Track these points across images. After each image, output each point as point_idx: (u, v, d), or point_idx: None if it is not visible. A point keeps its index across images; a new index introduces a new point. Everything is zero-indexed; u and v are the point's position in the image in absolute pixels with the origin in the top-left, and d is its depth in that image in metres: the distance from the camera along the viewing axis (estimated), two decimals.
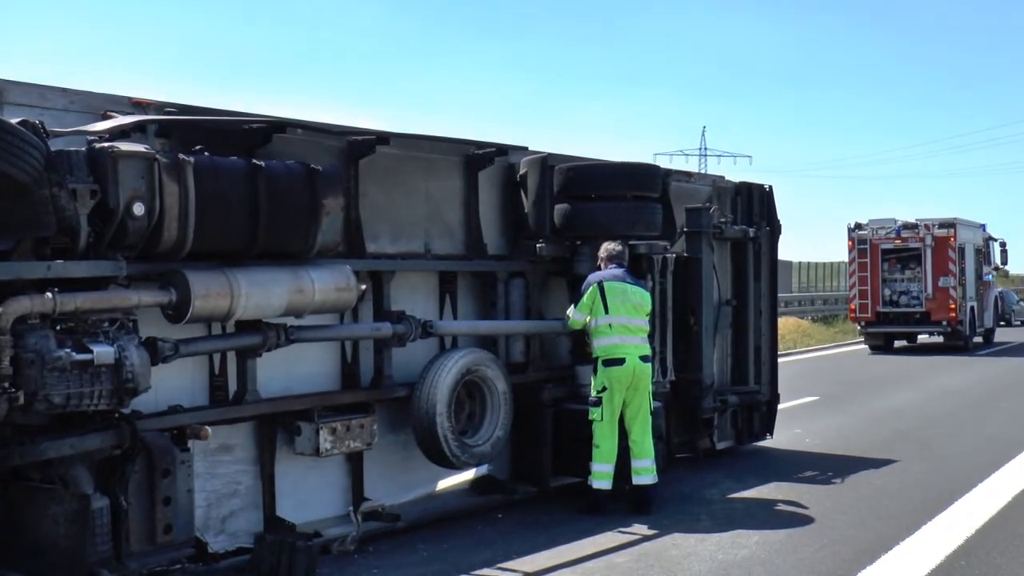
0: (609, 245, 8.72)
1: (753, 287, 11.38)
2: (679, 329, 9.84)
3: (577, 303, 8.63)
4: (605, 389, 8.44)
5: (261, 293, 6.44)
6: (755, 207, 11.65)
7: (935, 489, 9.39)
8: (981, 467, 10.37)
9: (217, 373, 6.87)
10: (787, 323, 31.50)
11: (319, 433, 7.10)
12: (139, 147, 5.94)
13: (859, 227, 26.98)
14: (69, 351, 5.49)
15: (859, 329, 27.89)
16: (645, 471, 8.53)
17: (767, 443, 11.73)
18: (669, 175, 10.38)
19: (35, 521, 5.75)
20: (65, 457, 5.65)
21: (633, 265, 9.02)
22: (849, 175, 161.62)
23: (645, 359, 8.55)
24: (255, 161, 6.49)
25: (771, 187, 11.87)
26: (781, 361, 12.79)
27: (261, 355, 6.84)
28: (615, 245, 8.72)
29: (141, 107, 6.58)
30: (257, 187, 6.41)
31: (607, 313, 8.46)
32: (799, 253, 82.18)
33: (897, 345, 27.82)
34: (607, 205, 8.92)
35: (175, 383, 6.55)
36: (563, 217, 8.92)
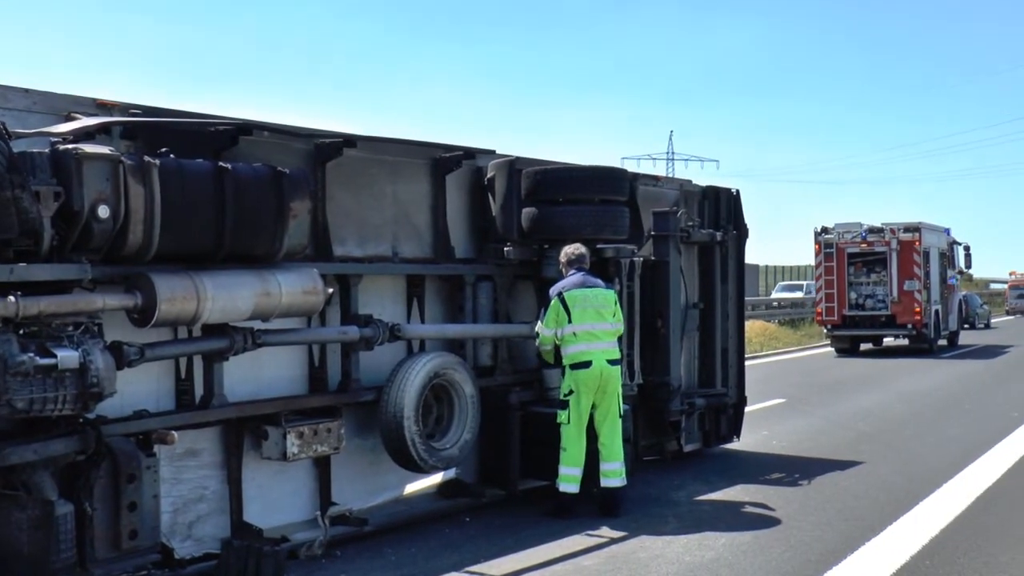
0: (569, 249, 8.73)
1: (720, 290, 11.44)
2: (647, 332, 9.89)
3: (543, 318, 8.64)
4: (572, 392, 8.45)
5: (227, 296, 6.41)
6: (722, 211, 11.71)
7: (900, 490, 9.46)
8: (946, 468, 10.46)
9: (183, 377, 6.84)
10: (754, 326, 31.69)
11: (286, 437, 7.07)
12: (104, 149, 5.88)
13: (825, 231, 27.16)
14: (32, 355, 5.42)
15: (825, 332, 28.07)
16: (614, 474, 8.54)
17: (734, 445, 11.79)
18: (636, 179, 10.43)
19: None
20: (28, 463, 5.58)
21: (601, 269, 9.05)
22: (816, 180, 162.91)
23: (613, 362, 8.57)
24: (221, 164, 6.46)
25: (738, 191, 11.94)
26: (748, 364, 12.86)
27: (228, 359, 6.80)
28: (575, 248, 8.73)
29: (106, 109, 6.53)
30: (223, 190, 6.37)
31: (571, 322, 8.47)
32: (765, 257, 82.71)
33: (863, 348, 28.01)
34: (574, 209, 8.93)
35: (141, 387, 6.51)
36: (530, 221, 8.93)
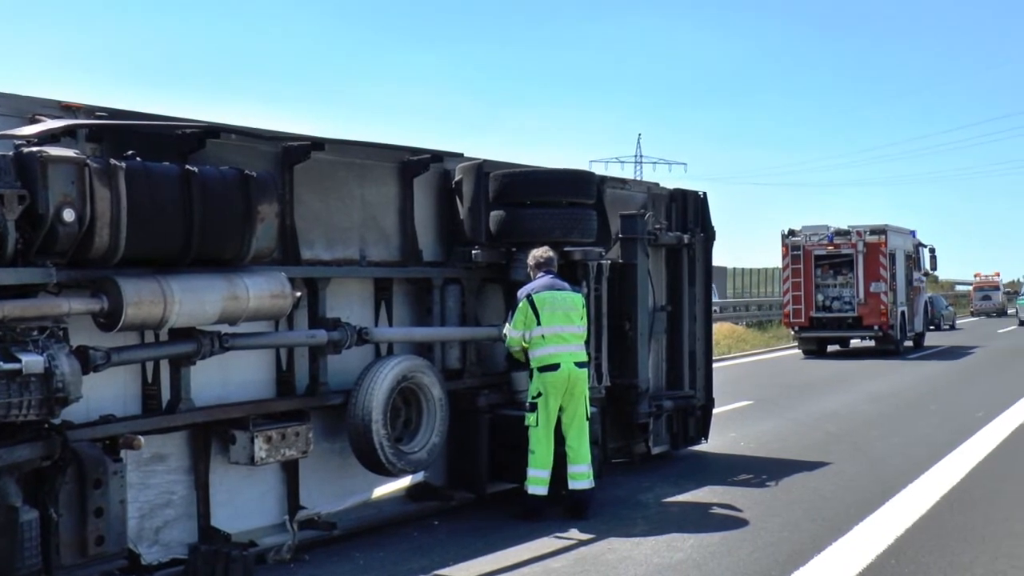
0: (537, 252, 8.75)
1: (688, 293, 11.49)
2: (614, 335, 9.91)
3: (511, 319, 8.65)
4: (540, 395, 8.47)
5: (195, 300, 6.38)
6: (690, 214, 11.76)
7: (867, 490, 9.54)
8: (911, 468, 10.55)
9: (150, 382, 6.79)
10: (722, 329, 31.83)
11: (254, 441, 7.05)
12: (69, 152, 5.84)
13: (792, 234, 27.34)
14: None
15: (793, 334, 28.24)
16: (581, 476, 8.56)
17: (702, 447, 11.84)
18: (604, 182, 10.46)
19: None
20: None
21: (568, 271, 9.07)
22: (783, 182, 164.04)
23: (580, 365, 8.59)
24: (188, 167, 6.42)
25: (705, 194, 12.00)
26: (716, 366, 12.92)
27: (195, 363, 6.77)
28: (542, 251, 8.75)
29: (71, 111, 6.48)
30: (191, 193, 6.34)
31: (540, 325, 8.49)
32: (734, 259, 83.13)
33: (830, 350, 28.23)
34: (542, 212, 8.96)
35: (107, 392, 6.47)
36: (498, 224, 8.94)
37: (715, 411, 12.22)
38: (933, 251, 32.00)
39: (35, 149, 5.71)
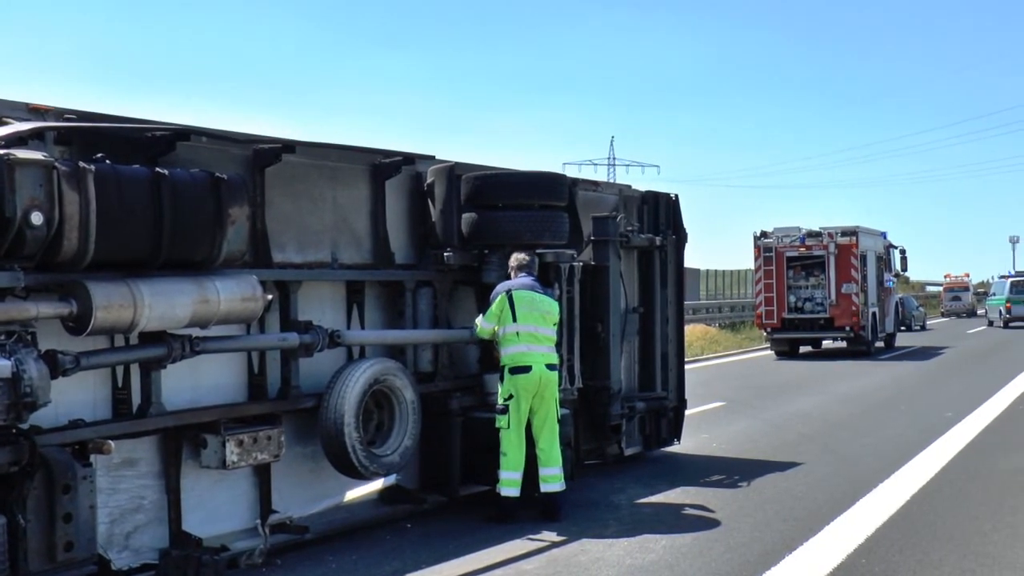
0: (519, 255, 8.78)
1: (660, 295, 11.53)
2: (587, 336, 9.93)
3: (486, 312, 8.67)
4: (512, 397, 8.48)
5: (165, 303, 6.35)
6: (661, 216, 11.81)
7: (838, 490, 9.60)
8: (882, 468, 10.62)
9: (120, 386, 6.75)
10: (695, 330, 31.95)
11: (225, 445, 7.01)
12: (37, 154, 5.81)
13: (765, 235, 27.46)
14: None
15: (765, 335, 28.37)
16: (553, 478, 8.58)
17: (675, 448, 11.88)
18: (576, 184, 10.48)
19: None
20: None
21: (541, 273, 9.08)
22: (755, 184, 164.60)
23: (552, 367, 8.61)
24: (158, 169, 6.40)
25: (677, 196, 12.05)
26: (688, 368, 12.98)
27: (165, 367, 6.74)
28: (524, 255, 8.79)
29: (39, 113, 6.44)
30: (161, 196, 6.31)
31: (515, 321, 8.51)
32: (706, 261, 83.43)
33: (802, 351, 28.37)
34: (514, 214, 8.97)
35: (76, 397, 6.42)
36: (470, 226, 8.95)
37: (687, 412, 12.27)
38: (904, 252, 32.20)
39: (2, 152, 5.67)
